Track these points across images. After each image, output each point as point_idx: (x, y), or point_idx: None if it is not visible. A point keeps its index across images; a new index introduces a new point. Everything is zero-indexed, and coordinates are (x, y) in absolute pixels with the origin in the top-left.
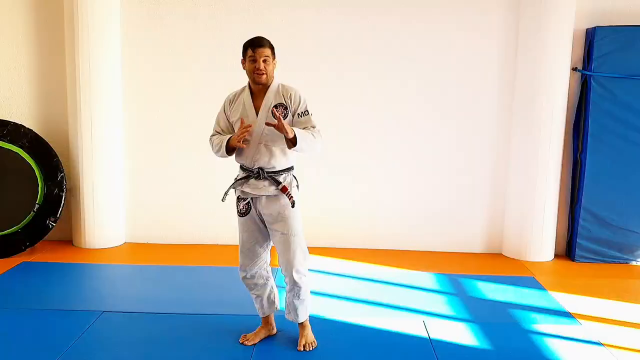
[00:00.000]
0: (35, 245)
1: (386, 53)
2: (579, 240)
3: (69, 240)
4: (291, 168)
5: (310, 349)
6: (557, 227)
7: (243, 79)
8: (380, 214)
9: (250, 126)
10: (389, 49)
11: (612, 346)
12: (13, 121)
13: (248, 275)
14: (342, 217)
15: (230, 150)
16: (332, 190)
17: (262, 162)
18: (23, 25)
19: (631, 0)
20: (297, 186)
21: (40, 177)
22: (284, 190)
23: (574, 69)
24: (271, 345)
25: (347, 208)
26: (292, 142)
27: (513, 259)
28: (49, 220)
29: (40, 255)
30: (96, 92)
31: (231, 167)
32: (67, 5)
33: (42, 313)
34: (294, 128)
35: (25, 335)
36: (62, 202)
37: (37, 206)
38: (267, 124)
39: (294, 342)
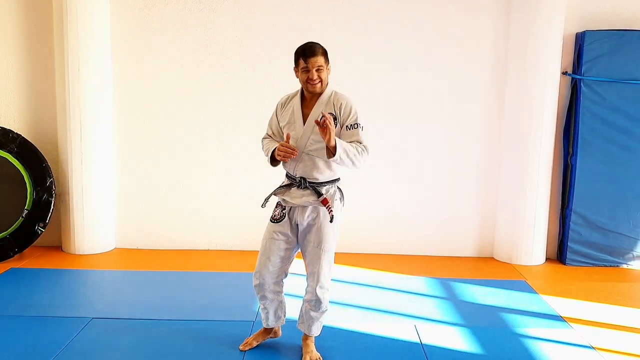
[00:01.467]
0: (24, 251)
1: (376, 58)
2: (570, 244)
3: (58, 246)
4: (336, 180)
5: None
6: (548, 231)
7: (235, 83)
8: (371, 219)
9: (295, 152)
10: (378, 54)
11: (603, 349)
12: (1, 126)
13: (259, 283)
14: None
15: (274, 160)
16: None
17: (305, 172)
18: (11, 29)
19: (620, 5)
20: (342, 199)
21: (29, 182)
22: (324, 202)
23: (564, 73)
24: (263, 352)
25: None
26: (331, 152)
27: (504, 262)
28: (38, 225)
29: (29, 261)
30: (85, 96)
31: (221, 173)
32: (56, 9)
33: (31, 320)
34: (337, 139)
35: (13, 342)
36: (51, 207)
37: (25, 212)
38: (316, 122)
39: (287, 348)
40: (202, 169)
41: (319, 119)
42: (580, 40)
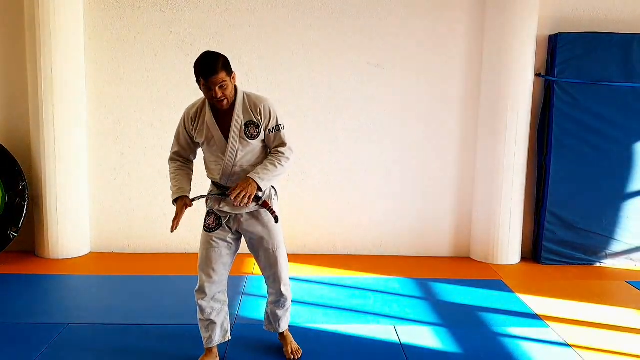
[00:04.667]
0: None
1: (353, 60)
2: (545, 243)
3: (31, 250)
4: None
5: (298, 356)
6: (523, 230)
7: None
8: (349, 220)
9: (175, 226)
10: (355, 57)
11: (578, 347)
12: None
13: (206, 298)
14: (310, 223)
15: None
16: (300, 196)
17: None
18: None
19: (592, 8)
20: (276, 194)
21: (1, 186)
22: (265, 205)
23: (538, 75)
24: (243, 351)
25: (316, 215)
26: (258, 188)
27: (481, 262)
28: (10, 230)
29: (1, 267)
30: (59, 97)
31: (196, 175)
32: (27, 7)
33: (4, 327)
34: (252, 173)
35: None
36: (24, 211)
37: None
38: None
39: (263, 348)
40: None
41: (235, 203)
42: (554, 43)
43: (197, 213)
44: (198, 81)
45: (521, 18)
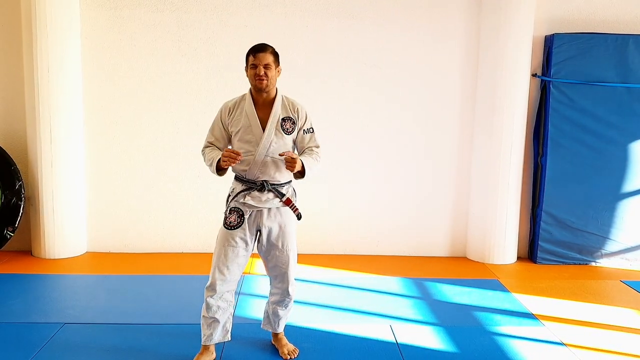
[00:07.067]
0: None
1: (350, 61)
2: (541, 243)
3: (28, 250)
4: (291, 180)
5: (294, 356)
6: (519, 230)
7: (207, 85)
8: (346, 220)
9: (239, 155)
10: (352, 57)
11: (573, 346)
12: None
13: (215, 296)
14: (307, 223)
15: (220, 169)
16: (297, 197)
17: (267, 175)
18: None
19: (588, 8)
20: (296, 197)
21: None
22: (288, 202)
23: (534, 75)
24: (238, 352)
25: (313, 214)
26: (300, 174)
27: (477, 262)
28: (7, 230)
29: None
30: (55, 98)
31: (194, 175)
32: (24, 8)
33: (1, 326)
34: (301, 157)
35: None
36: (21, 211)
37: None
38: (281, 154)
39: (257, 347)
40: (175, 172)
41: (284, 156)
42: (549, 43)
43: (197, 214)
44: (247, 61)
45: (517, 19)
